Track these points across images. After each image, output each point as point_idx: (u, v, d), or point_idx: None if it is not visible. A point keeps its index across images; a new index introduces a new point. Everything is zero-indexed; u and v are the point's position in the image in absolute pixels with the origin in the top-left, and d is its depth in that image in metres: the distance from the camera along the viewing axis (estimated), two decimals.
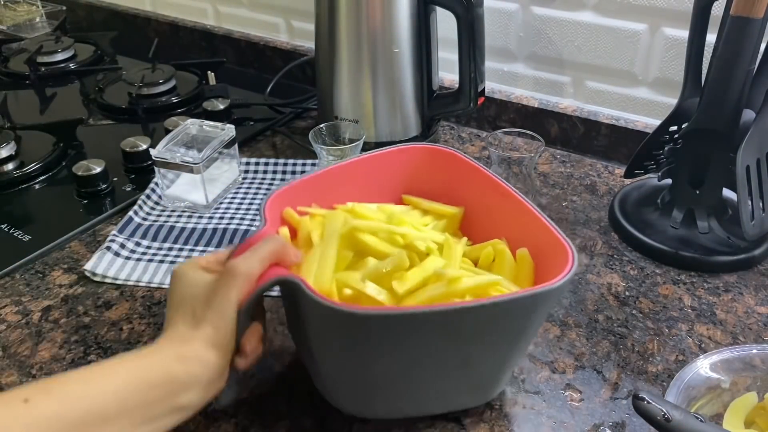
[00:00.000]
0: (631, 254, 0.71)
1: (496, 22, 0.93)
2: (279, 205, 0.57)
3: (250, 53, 1.18)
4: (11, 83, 1.14)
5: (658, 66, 0.85)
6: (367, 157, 0.62)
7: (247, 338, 0.48)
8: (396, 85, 0.84)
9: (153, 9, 1.32)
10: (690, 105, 0.69)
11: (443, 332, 0.46)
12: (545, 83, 0.94)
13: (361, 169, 0.62)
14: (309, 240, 0.55)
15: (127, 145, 0.87)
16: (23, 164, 0.87)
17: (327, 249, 0.53)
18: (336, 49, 0.84)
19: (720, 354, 0.52)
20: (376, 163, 0.62)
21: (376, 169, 0.63)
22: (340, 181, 0.61)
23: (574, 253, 0.49)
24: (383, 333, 0.46)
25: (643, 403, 0.43)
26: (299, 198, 0.58)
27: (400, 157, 0.63)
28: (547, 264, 0.52)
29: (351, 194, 0.61)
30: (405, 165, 0.64)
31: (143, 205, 0.79)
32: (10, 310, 0.65)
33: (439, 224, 0.61)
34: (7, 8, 1.36)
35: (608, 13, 0.85)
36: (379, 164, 0.63)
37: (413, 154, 0.63)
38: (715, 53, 0.65)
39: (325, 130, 0.78)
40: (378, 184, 0.63)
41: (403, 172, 0.64)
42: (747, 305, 0.64)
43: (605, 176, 0.85)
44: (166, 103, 1.04)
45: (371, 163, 0.62)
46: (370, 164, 0.62)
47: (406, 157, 0.63)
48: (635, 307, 0.64)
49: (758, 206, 0.66)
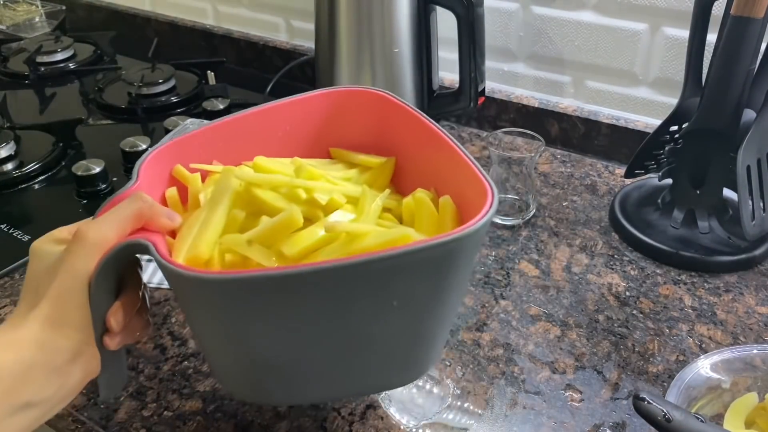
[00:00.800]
0: (632, 254, 0.71)
1: (497, 22, 0.93)
2: (169, 162, 0.49)
3: (250, 53, 1.18)
4: (11, 83, 1.14)
5: (659, 66, 0.84)
6: (283, 104, 0.52)
7: (111, 313, 0.41)
8: (396, 85, 0.84)
9: (152, 9, 1.32)
10: (690, 105, 0.69)
11: (319, 299, 0.39)
12: (545, 83, 0.94)
13: (276, 118, 0.53)
14: (198, 200, 0.48)
15: (126, 145, 0.86)
16: (23, 164, 0.87)
17: (214, 209, 0.45)
18: (336, 49, 0.84)
19: (720, 354, 0.52)
20: (295, 111, 0.53)
21: (296, 119, 0.53)
22: (250, 133, 0.52)
23: (493, 194, 0.41)
24: (245, 300, 0.39)
25: (643, 403, 0.43)
26: (196, 154, 0.50)
27: (323, 103, 0.54)
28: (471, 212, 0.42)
29: (264, 149, 0.51)
30: (329, 112, 0.54)
31: None
32: (10, 310, 0.65)
33: (363, 177, 0.53)
34: (6, 8, 1.36)
35: (609, 12, 0.85)
36: (298, 112, 0.53)
37: (337, 99, 0.54)
38: (715, 53, 0.64)
39: None
40: (297, 136, 0.54)
41: (326, 121, 0.54)
42: (747, 305, 0.64)
43: (606, 176, 0.85)
44: (165, 103, 1.04)
45: (288, 111, 0.53)
46: (287, 112, 0.53)
47: (329, 102, 0.54)
48: (636, 308, 0.64)
49: (759, 206, 0.66)
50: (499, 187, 0.76)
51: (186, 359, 0.59)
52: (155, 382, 0.57)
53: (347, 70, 0.84)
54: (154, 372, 0.58)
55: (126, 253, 0.40)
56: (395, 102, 0.53)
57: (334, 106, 0.54)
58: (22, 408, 0.37)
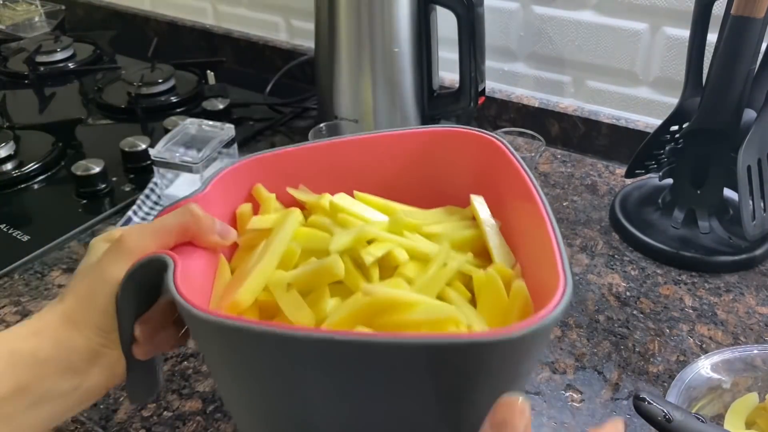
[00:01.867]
0: (632, 254, 0.71)
1: (497, 22, 0.92)
2: (251, 177, 0.47)
3: (250, 53, 1.18)
4: (10, 83, 1.14)
5: (659, 65, 0.84)
6: (382, 136, 0.50)
7: (139, 322, 0.40)
8: (396, 84, 0.84)
9: (152, 8, 1.32)
10: (691, 105, 0.69)
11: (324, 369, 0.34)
12: (546, 83, 0.94)
13: (373, 148, 0.50)
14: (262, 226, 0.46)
15: (126, 145, 0.86)
16: (22, 164, 0.87)
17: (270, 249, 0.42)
18: (336, 49, 0.84)
19: (721, 354, 0.52)
20: (393, 144, 0.51)
21: (393, 152, 0.51)
22: (342, 160, 0.50)
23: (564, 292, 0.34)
24: (243, 351, 0.35)
25: (644, 403, 0.43)
26: (282, 174, 0.48)
27: (424, 140, 0.51)
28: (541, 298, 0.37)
29: (357, 179, 0.49)
30: (428, 149, 0.51)
31: (142, 204, 0.78)
32: (9, 310, 0.65)
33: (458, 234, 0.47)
34: (6, 8, 1.36)
35: (609, 12, 0.85)
36: (396, 145, 0.51)
37: (442, 137, 0.51)
38: (716, 53, 0.64)
39: (325, 129, 0.78)
40: (391, 170, 0.51)
41: (423, 158, 0.51)
42: (748, 305, 0.64)
43: (606, 176, 0.85)
44: (165, 103, 1.04)
45: (386, 143, 0.50)
46: (385, 144, 0.50)
47: (431, 139, 0.51)
48: (636, 308, 0.64)
49: (759, 206, 0.66)
50: None
51: (185, 359, 0.59)
52: None
53: (347, 70, 0.84)
54: None
55: (150, 267, 0.38)
56: (502, 149, 0.48)
57: (437, 143, 0.51)
58: (38, 402, 0.37)
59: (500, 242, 0.46)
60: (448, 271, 0.43)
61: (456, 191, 0.51)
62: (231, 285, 0.42)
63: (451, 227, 0.48)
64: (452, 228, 0.48)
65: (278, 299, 0.40)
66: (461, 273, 0.44)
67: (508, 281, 0.42)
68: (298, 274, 0.41)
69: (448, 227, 0.48)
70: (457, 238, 0.47)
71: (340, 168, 0.50)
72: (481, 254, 0.47)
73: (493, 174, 0.49)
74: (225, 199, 0.44)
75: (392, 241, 0.43)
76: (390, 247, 0.43)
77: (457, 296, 0.43)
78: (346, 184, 0.50)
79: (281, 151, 0.48)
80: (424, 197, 0.51)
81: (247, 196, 0.48)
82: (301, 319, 0.40)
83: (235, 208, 0.47)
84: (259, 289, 0.40)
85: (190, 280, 0.38)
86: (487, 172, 0.50)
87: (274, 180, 0.48)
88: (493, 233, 0.47)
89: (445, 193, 0.51)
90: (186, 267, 0.38)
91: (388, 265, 0.43)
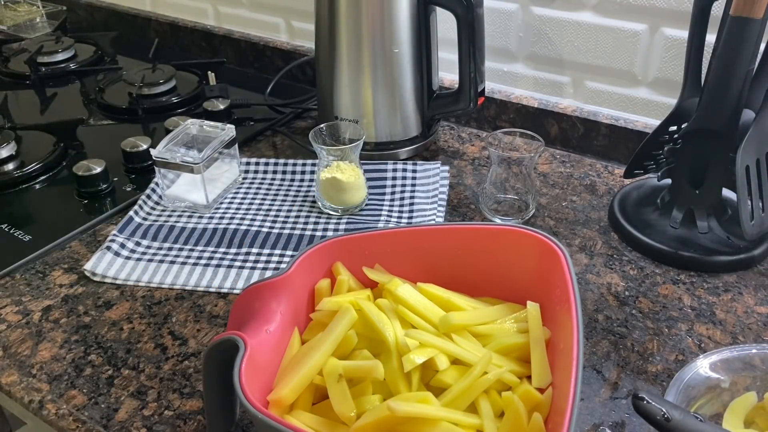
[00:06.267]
0: (631, 254, 0.71)
1: (496, 22, 0.93)
2: (333, 255, 0.53)
3: (250, 53, 1.18)
4: (12, 83, 1.14)
5: (658, 66, 0.85)
6: (454, 228, 0.55)
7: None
8: (396, 85, 0.84)
9: (153, 9, 1.33)
10: (690, 105, 0.69)
11: None
12: (545, 83, 0.94)
13: (448, 240, 0.54)
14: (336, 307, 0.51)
15: (127, 145, 0.87)
16: (24, 164, 0.87)
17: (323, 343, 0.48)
18: (336, 49, 0.84)
19: (719, 354, 0.52)
20: (461, 239, 0.55)
21: (461, 246, 0.55)
22: (416, 248, 0.54)
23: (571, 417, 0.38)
24: None
25: (642, 402, 0.43)
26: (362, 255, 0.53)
27: (490, 237, 0.55)
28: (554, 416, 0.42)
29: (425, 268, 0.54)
30: (491, 247, 0.54)
31: (143, 205, 0.79)
32: (11, 309, 0.66)
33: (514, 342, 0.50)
34: (7, 8, 1.36)
35: (608, 13, 0.85)
36: (462, 240, 0.55)
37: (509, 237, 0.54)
38: (714, 53, 0.65)
39: (325, 130, 0.78)
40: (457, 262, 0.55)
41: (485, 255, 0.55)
42: (746, 305, 0.64)
43: (605, 176, 0.85)
44: (166, 103, 1.04)
45: (457, 237, 0.55)
46: (456, 237, 0.55)
47: (496, 237, 0.54)
48: (635, 307, 0.64)
49: (758, 206, 0.66)
50: (498, 188, 0.76)
51: (186, 359, 0.60)
52: (156, 381, 0.57)
53: (347, 70, 0.84)
54: (155, 371, 0.58)
55: (224, 346, 0.44)
56: (558, 254, 0.51)
57: (506, 240, 0.54)
58: None
59: (542, 359, 0.49)
60: (484, 381, 0.46)
61: (517, 287, 0.54)
62: (290, 366, 0.48)
63: (502, 331, 0.51)
64: (502, 332, 0.51)
65: (329, 388, 0.46)
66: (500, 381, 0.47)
67: (536, 405, 0.46)
68: (348, 366, 0.47)
69: (498, 331, 0.51)
70: (504, 345, 0.50)
71: (413, 252, 0.55)
72: (527, 361, 0.50)
73: (550, 279, 0.51)
74: (308, 274, 0.50)
75: (436, 346, 0.47)
76: (432, 354, 0.47)
77: (488, 409, 0.46)
78: (416, 267, 0.55)
79: (360, 235, 0.54)
80: (489, 289, 0.56)
81: (327, 272, 0.54)
82: (345, 411, 0.45)
83: (316, 282, 0.53)
84: (303, 388, 0.46)
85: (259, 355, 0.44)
86: (545, 277, 0.52)
87: (353, 259, 0.54)
88: (538, 348, 0.49)
89: (507, 288, 0.55)
90: (257, 344, 0.44)
91: (431, 366, 0.47)
